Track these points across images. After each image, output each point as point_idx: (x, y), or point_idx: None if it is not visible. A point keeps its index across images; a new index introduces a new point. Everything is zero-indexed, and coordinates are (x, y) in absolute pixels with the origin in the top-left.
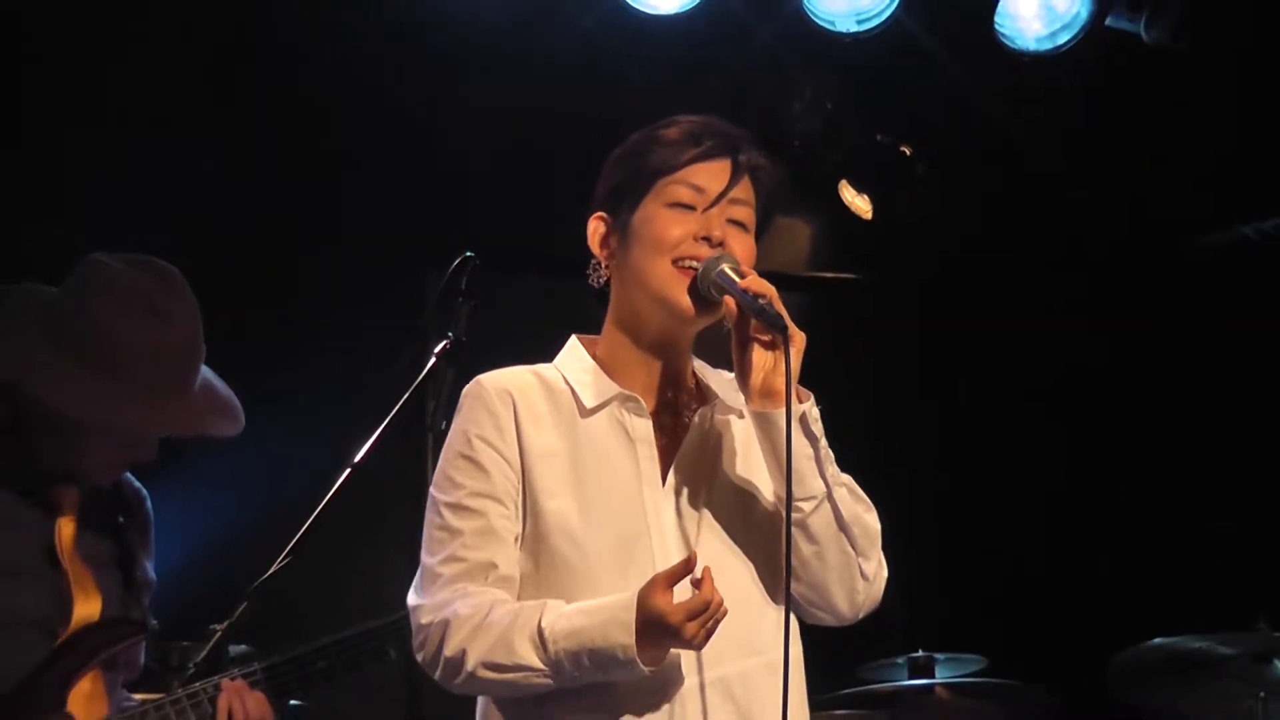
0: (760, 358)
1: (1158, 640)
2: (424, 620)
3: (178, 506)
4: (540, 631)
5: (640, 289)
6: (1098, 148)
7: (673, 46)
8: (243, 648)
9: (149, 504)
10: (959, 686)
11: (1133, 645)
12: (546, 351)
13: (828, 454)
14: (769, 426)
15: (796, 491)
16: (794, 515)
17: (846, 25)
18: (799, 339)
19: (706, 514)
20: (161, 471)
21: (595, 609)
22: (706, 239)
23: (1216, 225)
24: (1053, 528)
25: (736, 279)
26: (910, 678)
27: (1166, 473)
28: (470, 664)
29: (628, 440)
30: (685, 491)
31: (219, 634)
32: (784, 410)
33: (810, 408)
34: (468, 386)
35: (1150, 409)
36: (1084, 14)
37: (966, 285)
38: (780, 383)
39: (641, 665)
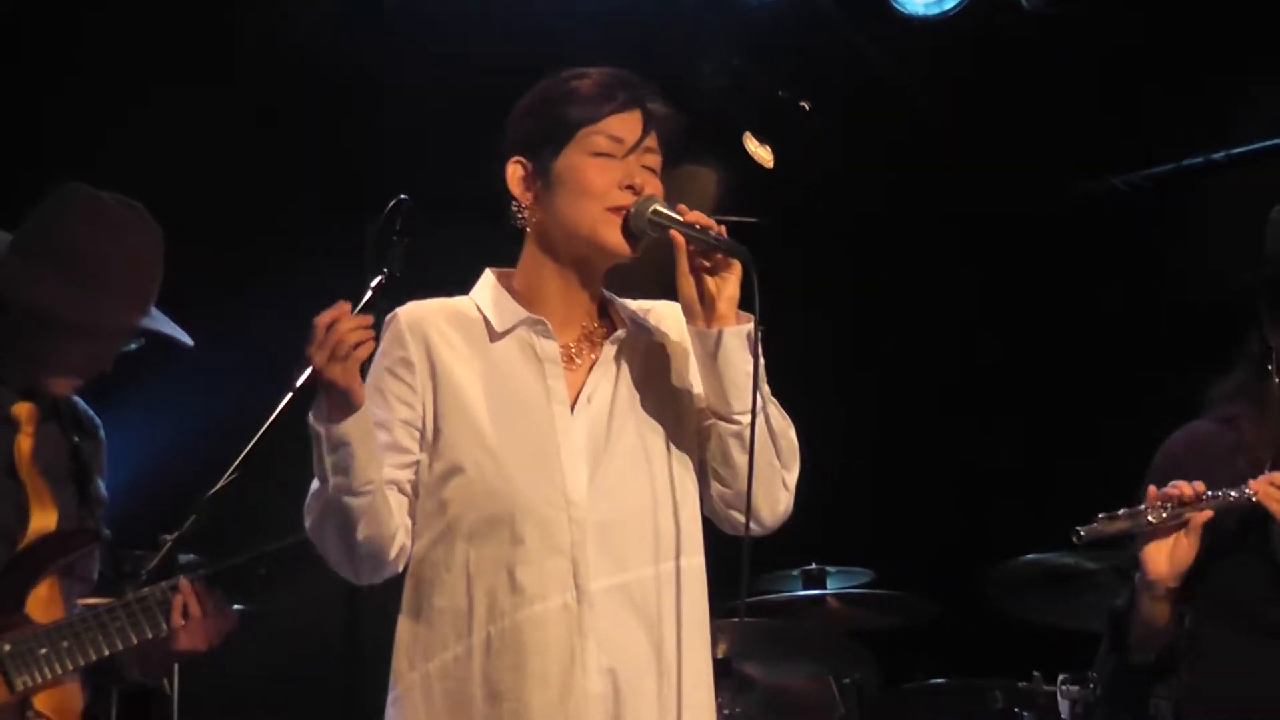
0: (708, 283)
1: (1031, 555)
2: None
3: (134, 426)
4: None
5: (570, 231)
6: (982, 103)
7: (595, 6)
8: (191, 557)
9: (102, 431)
10: (848, 597)
11: (1008, 559)
12: (472, 285)
13: (762, 372)
14: (714, 344)
15: (735, 405)
16: (732, 427)
17: None
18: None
19: (616, 428)
20: (118, 395)
21: None
22: (630, 186)
23: (1089, 176)
24: (939, 453)
25: (678, 215)
26: (804, 588)
27: (1045, 405)
28: (311, 528)
29: (536, 360)
30: (596, 408)
31: (169, 544)
32: (732, 329)
33: (751, 328)
34: (386, 318)
35: (1029, 344)
36: None
37: (861, 227)
38: (724, 305)
39: (314, 423)
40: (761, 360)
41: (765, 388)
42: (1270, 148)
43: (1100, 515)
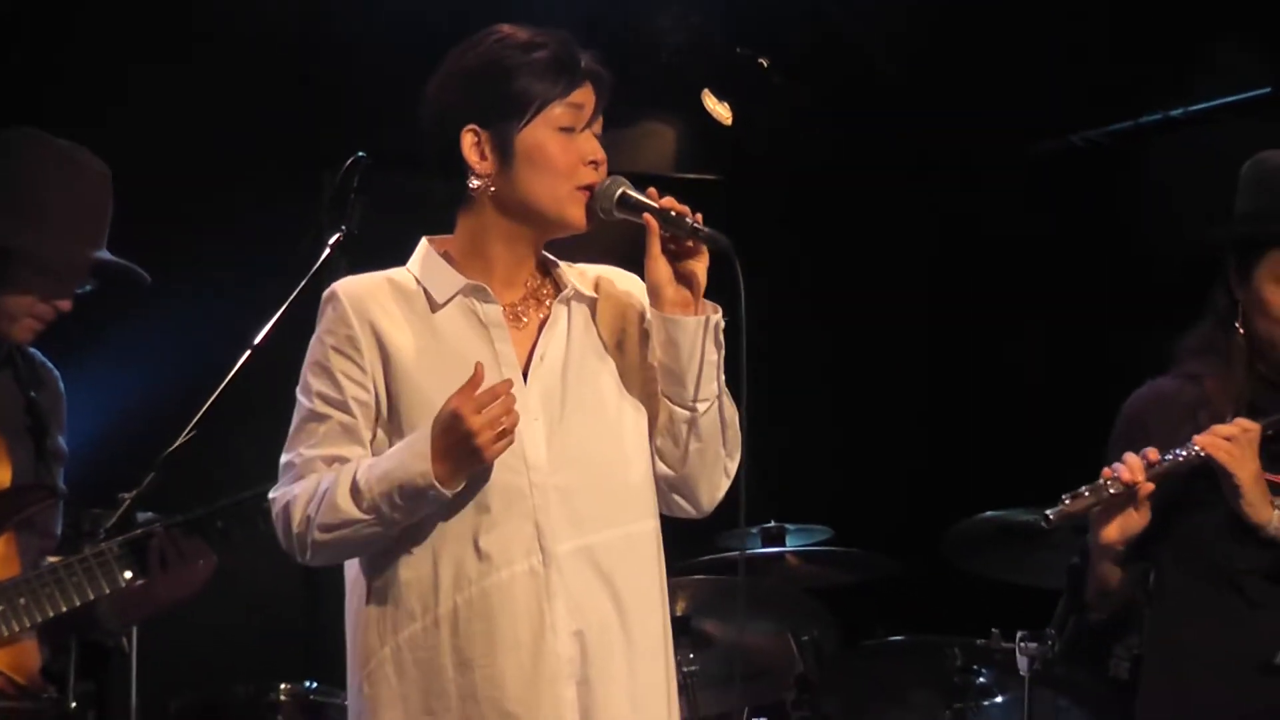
0: (679, 268)
1: (989, 513)
2: (276, 511)
3: (92, 382)
4: (355, 484)
5: (532, 207)
6: (941, 59)
7: None
8: (149, 514)
9: (61, 383)
10: (807, 554)
11: (967, 517)
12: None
13: (721, 360)
14: (681, 332)
15: (696, 393)
16: (686, 413)
17: None
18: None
19: (571, 388)
20: (77, 350)
21: (398, 448)
22: (593, 162)
23: (1048, 134)
24: (898, 411)
25: (650, 201)
26: (763, 546)
27: (1004, 363)
28: (312, 534)
29: (481, 326)
30: (549, 367)
31: (128, 502)
32: (703, 319)
33: (720, 319)
34: (325, 294)
35: (988, 301)
36: None
37: (820, 184)
38: (696, 292)
39: (441, 487)
40: (724, 349)
41: (722, 377)
42: (1228, 105)
43: (1064, 496)
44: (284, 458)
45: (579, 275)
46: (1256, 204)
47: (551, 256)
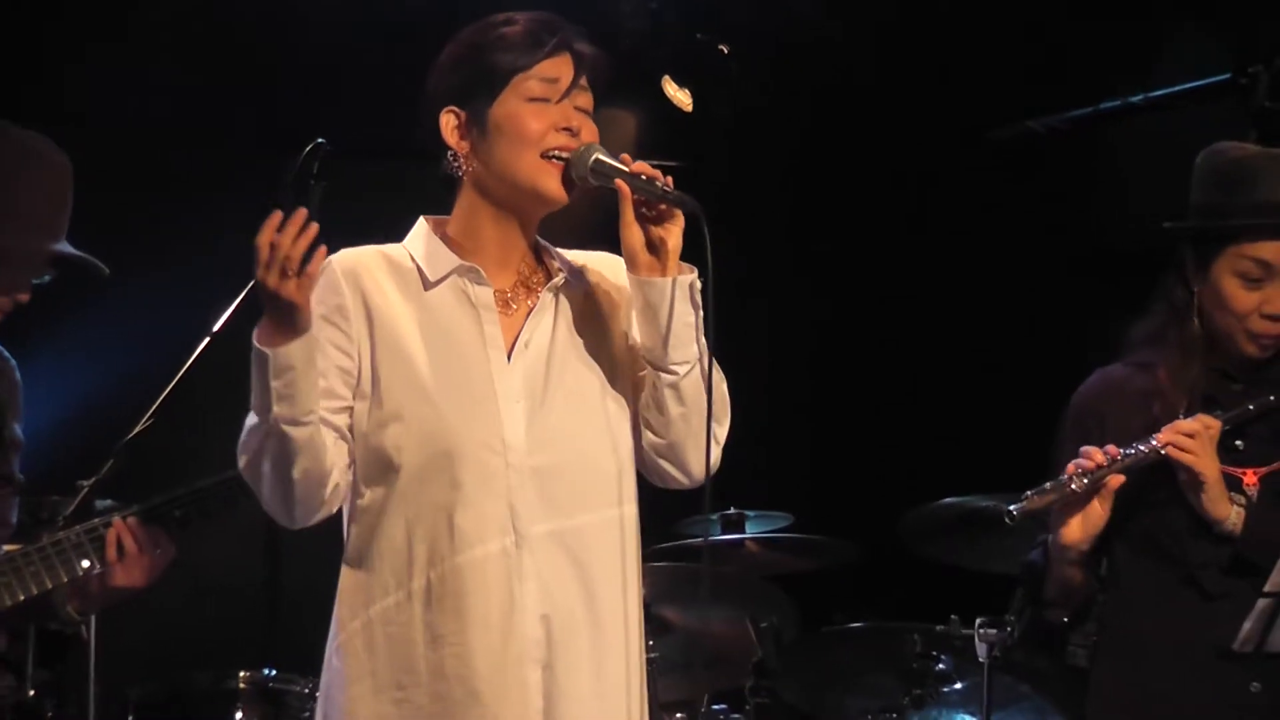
0: (652, 232)
1: (948, 499)
2: None
3: (50, 370)
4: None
5: (508, 180)
6: (900, 45)
7: None
8: (109, 502)
9: (17, 372)
10: (768, 541)
11: (926, 504)
12: (391, 230)
13: (701, 323)
14: (658, 294)
15: (675, 355)
16: (669, 377)
17: None
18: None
19: (554, 374)
20: (35, 339)
21: None
22: (566, 129)
23: (1006, 120)
24: (858, 397)
25: (623, 166)
26: (723, 533)
27: (965, 349)
28: (246, 474)
29: (471, 307)
30: (533, 353)
31: (86, 489)
32: (677, 279)
33: (695, 279)
34: (319, 266)
35: (946, 287)
36: None
37: (780, 169)
38: (669, 255)
39: (259, 344)
40: (702, 312)
41: (704, 341)
42: (1188, 90)
43: (1027, 492)
44: None
45: (572, 261)
46: (1213, 198)
47: (545, 243)
